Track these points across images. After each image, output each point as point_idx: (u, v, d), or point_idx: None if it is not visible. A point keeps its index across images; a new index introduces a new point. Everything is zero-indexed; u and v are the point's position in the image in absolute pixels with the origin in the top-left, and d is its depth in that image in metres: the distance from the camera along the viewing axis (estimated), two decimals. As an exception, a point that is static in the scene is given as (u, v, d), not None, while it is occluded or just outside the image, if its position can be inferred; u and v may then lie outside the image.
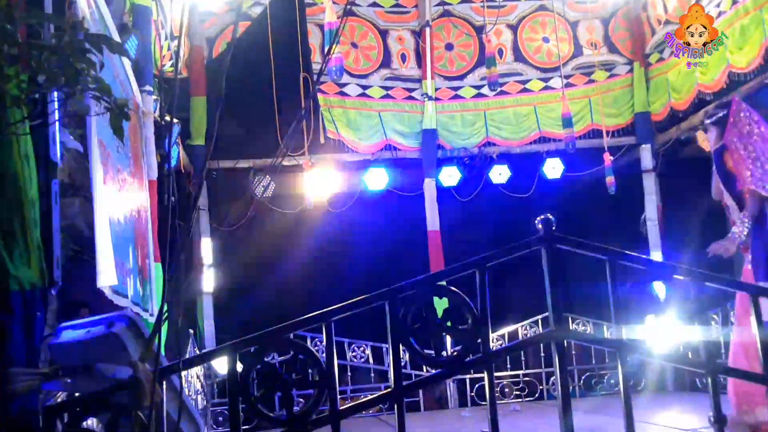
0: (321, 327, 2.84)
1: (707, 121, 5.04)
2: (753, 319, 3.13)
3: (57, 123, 2.63)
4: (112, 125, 2.41)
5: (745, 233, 4.68)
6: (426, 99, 9.95)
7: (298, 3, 9.10)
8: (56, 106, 2.54)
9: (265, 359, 2.85)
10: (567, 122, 8.99)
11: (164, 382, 2.62)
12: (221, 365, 7.16)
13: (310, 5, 9.57)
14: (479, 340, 2.95)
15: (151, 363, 2.55)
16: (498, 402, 9.48)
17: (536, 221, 3.13)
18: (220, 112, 3.12)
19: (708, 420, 3.04)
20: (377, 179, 9.77)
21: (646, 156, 9.97)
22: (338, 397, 2.79)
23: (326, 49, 8.44)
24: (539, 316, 9.25)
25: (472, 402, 9.00)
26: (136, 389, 2.49)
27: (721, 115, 4.92)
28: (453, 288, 3.06)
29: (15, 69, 2.26)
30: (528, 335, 9.24)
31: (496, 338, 9.56)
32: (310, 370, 2.84)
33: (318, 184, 9.30)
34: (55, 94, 2.50)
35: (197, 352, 7.62)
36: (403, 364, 7.36)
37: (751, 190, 4.67)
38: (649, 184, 9.95)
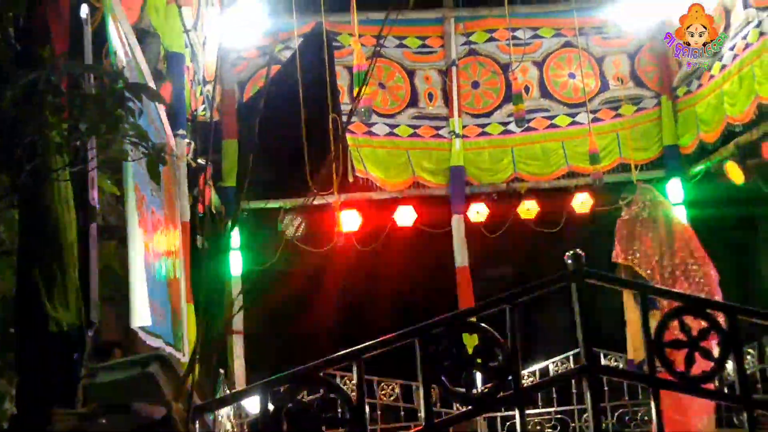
0: (350, 365, 2.86)
1: (621, 203, 5.99)
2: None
3: (95, 169, 2.73)
4: (149, 170, 2.49)
5: None
6: (453, 136, 10.03)
7: (327, 46, 9.28)
8: (96, 152, 2.63)
9: (297, 397, 2.88)
10: (594, 158, 8.98)
11: (197, 422, 2.66)
12: (251, 405, 7.17)
13: (338, 48, 9.76)
14: (510, 377, 2.95)
15: (184, 403, 2.59)
16: (531, 440, 9.21)
17: (566, 256, 3.14)
18: (253, 154, 3.20)
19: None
20: (406, 216, 9.81)
21: (675, 189, 9.89)
22: (369, 434, 2.80)
23: (355, 91, 8.60)
24: (570, 353, 9.15)
25: (503, 440, 8.89)
26: (170, 428, 2.53)
27: (630, 199, 6.21)
28: (483, 324, 3.08)
29: (58, 118, 2.37)
30: (559, 372, 9.12)
31: (527, 375, 9.47)
32: (340, 409, 2.86)
33: (347, 222, 9.36)
34: (95, 140, 2.60)
35: (227, 391, 7.65)
36: (433, 400, 7.35)
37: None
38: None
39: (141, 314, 3.79)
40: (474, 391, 2.99)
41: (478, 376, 3.03)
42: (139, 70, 4.63)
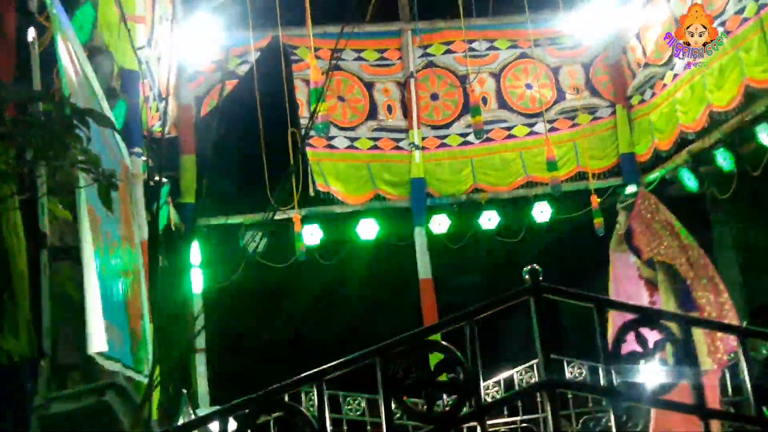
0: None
1: (619, 205, 5.87)
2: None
3: (45, 196, 2.67)
4: (100, 196, 2.45)
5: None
6: (413, 148, 10.07)
7: (284, 60, 9.25)
8: (44, 179, 2.58)
9: (257, 421, 2.84)
10: (552, 166, 9.08)
11: (156, 450, 2.61)
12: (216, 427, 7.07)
13: (296, 62, 9.74)
14: (471, 395, 2.95)
15: (141, 430, 2.55)
16: (497, 451, 9.20)
17: (523, 271, 3.17)
18: (209, 169, 3.17)
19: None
20: (368, 229, 9.80)
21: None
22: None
23: (314, 110, 8.59)
24: (534, 361, 9.22)
25: (471, 452, 8.89)
26: (127, 459, 2.48)
27: (629, 201, 5.98)
28: (444, 342, 3.08)
29: (3, 145, 2.31)
30: (524, 380, 9.19)
31: (492, 384, 9.52)
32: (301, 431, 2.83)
33: (309, 236, 9.33)
34: (43, 168, 2.55)
35: (190, 411, 7.53)
36: (398, 416, 7.34)
37: (651, 257, 5.65)
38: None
39: (97, 340, 3.71)
40: (437, 408, 2.99)
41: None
42: (91, 89, 4.55)
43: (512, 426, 9.46)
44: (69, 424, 2.73)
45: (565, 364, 9.52)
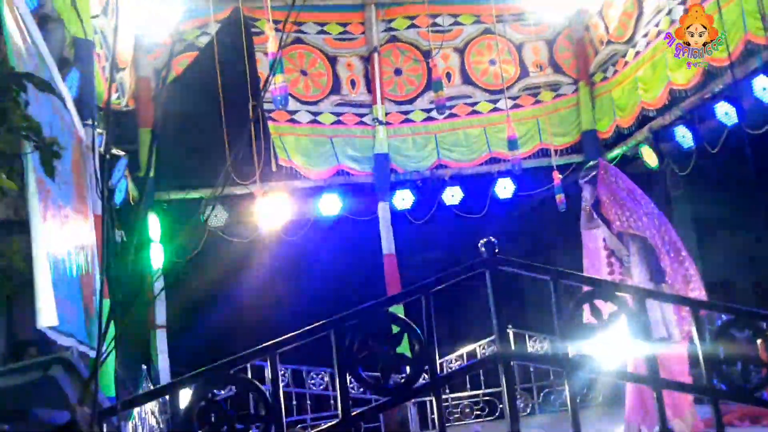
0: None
1: (581, 181, 5.92)
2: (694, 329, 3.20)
3: (-15, 163, 2.57)
4: (43, 164, 2.36)
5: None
6: (377, 123, 10.00)
7: (245, 32, 9.08)
8: (-17, 146, 2.48)
9: (210, 395, 2.80)
10: (513, 144, 9.09)
11: (104, 425, 2.55)
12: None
13: (257, 34, 9.56)
14: (426, 366, 2.95)
15: (89, 405, 2.49)
16: (458, 423, 9.43)
17: (479, 244, 3.16)
18: (167, 143, 3.09)
19: (656, 434, 3.08)
20: (331, 205, 9.74)
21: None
22: (284, 429, 2.76)
23: (266, 79, 8.44)
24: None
25: (433, 425, 8.96)
26: (74, 433, 2.42)
27: (593, 174, 5.81)
28: (399, 315, 3.07)
29: (-63, 111, 2.21)
30: (486, 353, 9.27)
31: (455, 358, 9.59)
32: (256, 405, 2.80)
33: (271, 211, 9.23)
34: (-18, 134, 2.45)
35: (150, 387, 7.46)
36: (362, 390, 7.36)
37: (622, 231, 5.62)
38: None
39: (46, 314, 3.63)
40: (393, 380, 2.98)
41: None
42: (41, 57, 4.41)
43: (475, 399, 9.56)
44: (14, 399, 2.65)
45: (527, 338, 9.63)
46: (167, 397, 3.06)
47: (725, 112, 7.88)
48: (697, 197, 10.04)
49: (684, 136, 8.59)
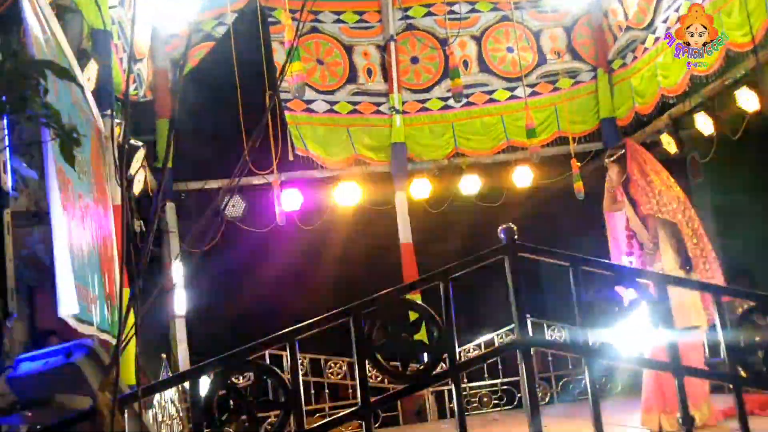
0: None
1: (608, 160, 5.81)
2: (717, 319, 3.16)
3: (7, 150, 2.59)
4: (62, 152, 2.37)
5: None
6: (393, 112, 9.97)
7: (262, 22, 9.08)
8: (5, 133, 2.50)
9: (230, 382, 2.81)
10: (531, 133, 9.01)
11: (125, 411, 2.57)
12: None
13: (274, 23, 9.55)
14: (445, 353, 2.94)
15: (111, 392, 2.50)
16: (477, 412, 9.40)
17: (498, 230, 3.14)
18: (185, 133, 3.10)
19: (677, 421, 3.06)
20: (348, 194, 9.72)
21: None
22: (304, 416, 2.76)
23: (282, 67, 8.42)
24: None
25: (451, 413, 8.97)
26: (96, 419, 2.44)
27: (621, 153, 5.72)
28: (418, 301, 3.06)
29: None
30: (505, 342, 9.23)
31: (473, 348, 9.57)
32: (275, 392, 2.81)
33: (288, 201, 9.25)
34: (4, 121, 2.46)
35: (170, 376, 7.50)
36: (379, 378, 7.35)
37: (651, 216, 5.50)
38: (617, 189, 10.01)
39: (67, 302, 3.66)
40: (412, 367, 2.97)
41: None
42: (60, 48, 4.43)
43: (494, 388, 9.55)
44: (37, 385, 2.68)
45: (546, 327, 9.59)
46: (187, 385, 3.10)
47: (746, 98, 7.77)
48: (717, 185, 9.92)
49: (704, 122, 8.48)
